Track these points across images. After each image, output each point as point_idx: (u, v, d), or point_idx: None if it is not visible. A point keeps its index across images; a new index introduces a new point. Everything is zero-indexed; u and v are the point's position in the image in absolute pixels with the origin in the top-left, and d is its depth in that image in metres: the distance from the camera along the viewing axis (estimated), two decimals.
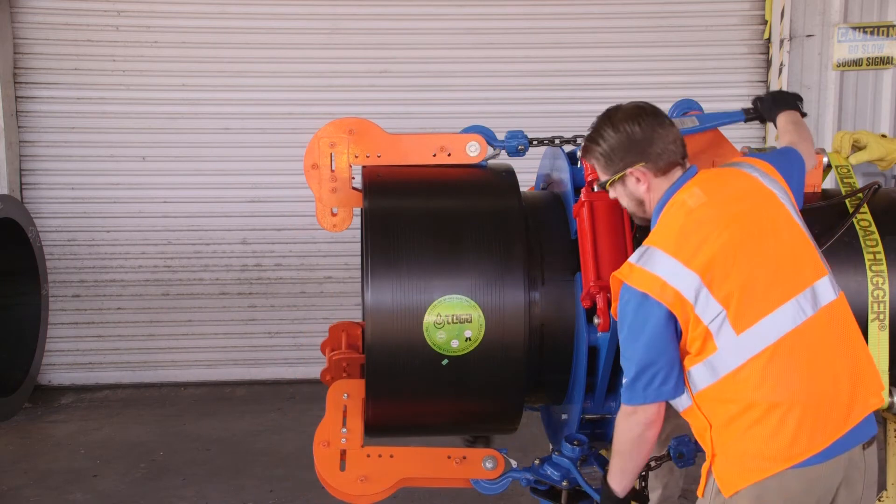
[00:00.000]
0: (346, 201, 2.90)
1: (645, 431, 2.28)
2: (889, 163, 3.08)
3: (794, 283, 2.21)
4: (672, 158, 2.37)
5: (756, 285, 2.18)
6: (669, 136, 2.37)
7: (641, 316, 2.22)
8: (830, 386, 2.17)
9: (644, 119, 2.38)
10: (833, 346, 2.21)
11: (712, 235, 2.22)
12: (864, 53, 6.47)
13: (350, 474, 2.74)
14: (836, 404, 2.16)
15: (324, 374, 3.15)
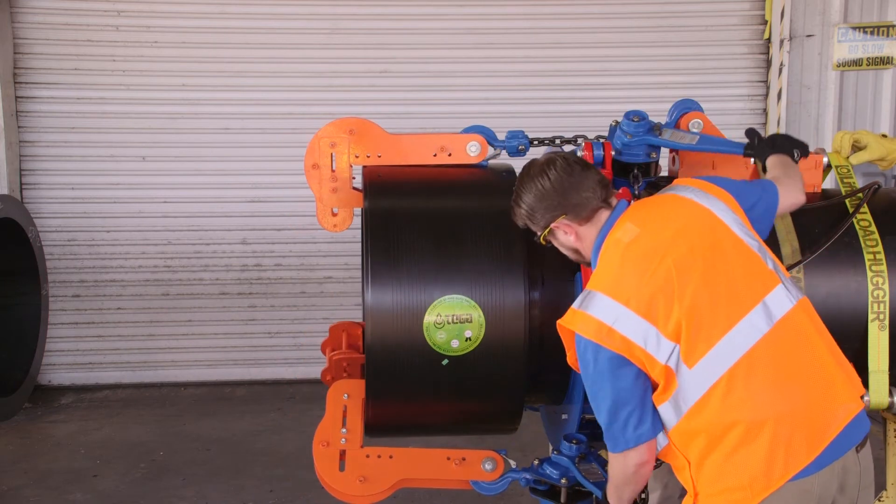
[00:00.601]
0: (347, 201, 2.90)
1: (638, 471, 2.26)
2: (890, 163, 3.07)
3: (742, 302, 2.16)
4: (593, 205, 2.35)
5: (702, 313, 2.14)
6: (584, 184, 2.35)
7: (597, 364, 2.18)
8: (801, 397, 2.12)
9: (553, 172, 2.36)
10: (798, 355, 2.16)
11: (650, 269, 2.18)
12: (864, 53, 6.47)
13: (349, 474, 2.75)
14: (812, 414, 2.11)
15: (324, 374, 3.15)
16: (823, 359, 2.19)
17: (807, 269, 2.75)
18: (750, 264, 2.22)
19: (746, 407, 2.10)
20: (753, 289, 2.18)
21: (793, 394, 2.12)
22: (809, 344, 2.20)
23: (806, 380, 2.14)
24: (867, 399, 2.75)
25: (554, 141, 3.04)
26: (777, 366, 2.13)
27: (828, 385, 2.16)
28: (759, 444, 2.08)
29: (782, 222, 2.80)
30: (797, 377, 2.14)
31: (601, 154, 2.86)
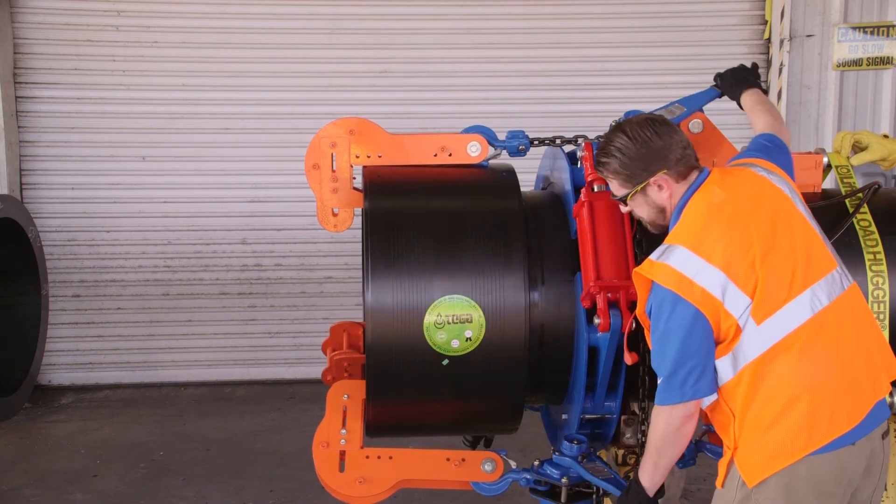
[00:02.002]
0: (347, 201, 2.90)
1: (683, 426, 2.29)
2: (891, 163, 3.08)
3: (809, 274, 2.25)
4: (690, 162, 2.42)
5: (775, 277, 2.22)
6: (684, 142, 2.43)
7: (672, 315, 2.24)
8: (849, 370, 2.23)
9: (657, 127, 2.42)
10: (849, 332, 2.27)
11: (733, 230, 2.26)
12: (864, 53, 6.47)
13: (349, 475, 2.74)
14: (854, 387, 2.23)
15: (325, 373, 3.15)
16: (868, 339, 2.31)
17: None
18: (815, 244, 2.33)
19: (802, 371, 2.20)
20: (818, 265, 2.28)
21: (840, 366, 2.22)
22: (857, 324, 2.30)
23: (853, 356, 2.25)
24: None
25: (554, 141, 3.04)
26: (831, 338, 2.24)
27: (869, 364, 2.28)
28: (803, 406, 2.18)
29: None
30: (845, 352, 2.25)
31: None
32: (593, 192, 2.77)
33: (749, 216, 2.29)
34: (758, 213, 2.30)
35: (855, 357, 2.26)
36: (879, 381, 2.28)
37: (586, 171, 2.83)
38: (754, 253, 2.23)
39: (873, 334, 2.35)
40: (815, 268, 2.27)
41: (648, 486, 2.39)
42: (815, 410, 2.18)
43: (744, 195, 2.35)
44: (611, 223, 2.72)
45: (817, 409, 2.18)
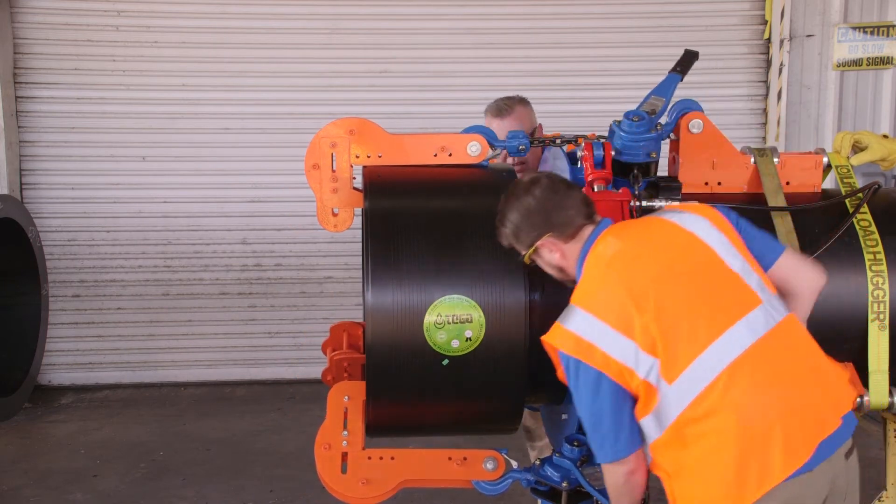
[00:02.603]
0: (347, 201, 2.89)
1: (629, 480, 2.27)
2: (891, 163, 3.07)
3: (722, 320, 2.17)
4: (577, 222, 2.38)
5: (680, 329, 2.16)
6: (568, 203, 2.39)
7: (578, 379, 2.23)
8: (793, 402, 2.13)
9: (538, 191, 2.40)
10: (787, 363, 2.18)
11: (629, 284, 2.22)
12: (864, 53, 6.47)
13: (351, 477, 2.74)
14: (804, 417, 2.12)
15: (325, 374, 3.15)
16: (812, 363, 2.22)
17: None
18: (730, 285, 2.24)
19: (728, 419, 2.10)
20: (733, 308, 2.20)
21: (781, 401, 2.13)
22: (797, 353, 2.22)
23: (796, 386, 2.16)
24: (867, 399, 2.75)
25: (554, 141, 3.04)
26: (762, 377, 2.14)
27: (820, 389, 2.19)
28: (730, 458, 2.09)
29: (782, 222, 2.81)
30: (786, 384, 2.15)
31: (601, 154, 2.86)
32: (593, 192, 2.77)
33: (647, 266, 2.25)
34: (657, 261, 2.25)
35: (800, 386, 2.16)
36: (835, 402, 2.19)
37: (586, 171, 2.83)
38: (651, 306, 2.17)
39: (817, 358, 2.25)
40: (731, 311, 2.19)
41: None
42: (740, 463, 2.07)
43: (643, 244, 2.31)
44: None
45: (743, 461, 2.07)
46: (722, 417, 2.11)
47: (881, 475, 3.20)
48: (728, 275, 2.26)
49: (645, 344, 2.15)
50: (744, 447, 2.09)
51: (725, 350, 2.14)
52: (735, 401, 2.11)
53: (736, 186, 2.95)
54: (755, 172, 2.94)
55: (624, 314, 2.19)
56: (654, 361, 2.15)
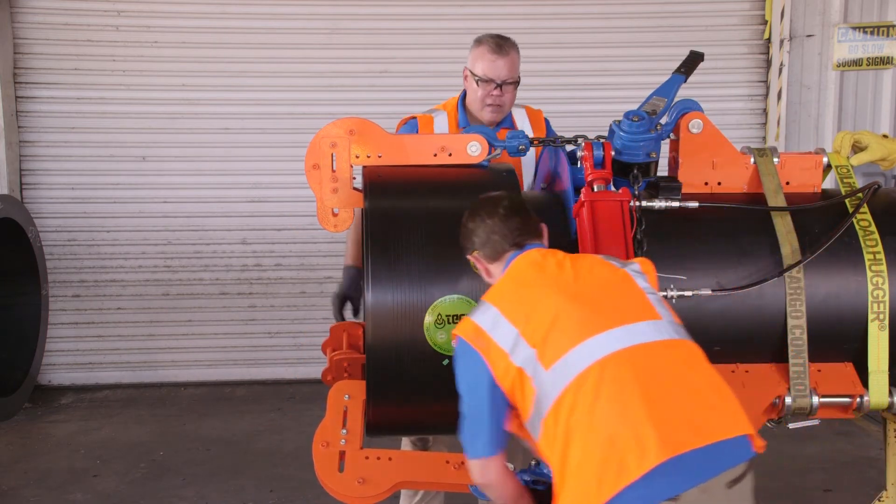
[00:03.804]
0: (347, 201, 2.89)
1: (483, 479, 2.35)
2: (891, 163, 3.07)
3: (605, 321, 2.19)
4: (498, 248, 2.45)
5: (565, 326, 2.19)
6: (496, 228, 2.45)
7: (465, 368, 2.31)
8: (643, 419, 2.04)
9: (475, 213, 2.50)
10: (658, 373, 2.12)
11: (533, 286, 2.30)
12: (864, 53, 6.47)
13: (349, 476, 2.74)
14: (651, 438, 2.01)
15: (325, 374, 3.15)
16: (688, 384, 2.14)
17: (807, 269, 2.75)
18: (632, 299, 2.28)
19: (587, 417, 2.08)
20: (622, 314, 2.22)
21: (634, 414, 2.05)
22: (677, 368, 2.17)
23: (657, 393, 2.08)
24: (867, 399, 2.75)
25: (554, 141, 3.04)
26: (622, 376, 2.10)
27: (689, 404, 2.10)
28: (593, 456, 2.04)
29: (782, 222, 2.80)
30: (644, 389, 2.08)
31: (601, 154, 2.86)
32: (593, 191, 2.77)
33: (556, 276, 2.31)
34: (566, 273, 2.31)
35: (672, 395, 2.09)
36: (717, 421, 2.08)
37: (586, 171, 2.83)
38: (546, 306, 2.23)
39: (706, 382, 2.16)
40: (618, 315, 2.21)
41: None
42: (605, 459, 2.01)
43: (559, 260, 2.37)
44: (611, 223, 2.72)
45: (604, 461, 2.01)
46: (585, 411, 2.09)
47: (881, 475, 3.20)
48: (634, 292, 2.30)
49: (527, 332, 2.21)
50: (603, 444, 2.04)
51: (601, 345, 2.15)
52: (599, 395, 2.09)
53: (736, 186, 2.95)
54: (755, 172, 2.94)
55: (517, 304, 2.27)
56: (531, 351, 2.19)
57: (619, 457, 2.01)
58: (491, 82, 3.43)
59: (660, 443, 2.00)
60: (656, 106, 2.92)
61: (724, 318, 2.76)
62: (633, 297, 2.28)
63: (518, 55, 3.54)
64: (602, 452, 2.03)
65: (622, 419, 2.05)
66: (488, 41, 3.48)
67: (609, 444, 2.03)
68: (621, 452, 2.01)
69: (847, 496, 4.60)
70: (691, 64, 3.14)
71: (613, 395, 2.08)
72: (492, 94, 3.44)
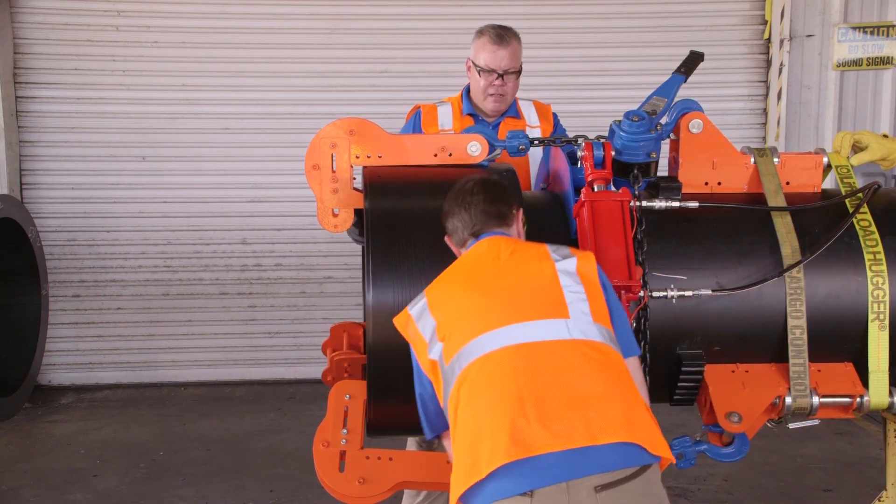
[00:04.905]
0: (348, 202, 2.89)
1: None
2: (891, 163, 3.07)
3: (508, 316, 2.20)
4: (461, 235, 2.48)
5: (470, 319, 2.23)
6: (461, 215, 2.47)
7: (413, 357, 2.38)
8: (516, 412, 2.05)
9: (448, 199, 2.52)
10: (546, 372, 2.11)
11: (458, 277, 2.35)
12: (864, 53, 6.47)
13: (349, 475, 2.74)
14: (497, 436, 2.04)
15: (325, 374, 3.15)
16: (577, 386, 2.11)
17: (807, 269, 2.75)
18: (546, 295, 2.26)
19: (466, 410, 2.14)
20: (527, 311, 2.22)
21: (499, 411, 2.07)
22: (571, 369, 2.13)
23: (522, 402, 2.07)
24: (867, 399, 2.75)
25: (554, 141, 3.04)
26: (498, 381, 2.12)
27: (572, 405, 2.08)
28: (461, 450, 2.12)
29: (782, 222, 2.80)
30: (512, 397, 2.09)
31: (601, 154, 2.86)
32: (593, 191, 2.77)
33: (483, 268, 2.33)
34: (493, 269, 2.31)
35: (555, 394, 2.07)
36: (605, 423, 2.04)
37: (586, 171, 2.83)
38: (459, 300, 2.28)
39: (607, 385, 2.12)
40: (524, 311, 2.20)
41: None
42: (468, 453, 2.08)
43: (494, 254, 2.36)
44: (611, 223, 2.72)
45: (469, 452, 2.07)
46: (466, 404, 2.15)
47: (881, 475, 3.21)
48: (552, 290, 2.26)
49: (441, 325, 2.26)
50: (470, 438, 2.11)
51: (492, 340, 2.18)
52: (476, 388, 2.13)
53: (736, 186, 2.95)
54: (755, 172, 2.94)
55: (443, 296, 2.33)
56: (440, 345, 2.25)
57: (475, 452, 2.08)
58: (493, 72, 3.48)
59: (511, 443, 2.02)
60: (656, 106, 2.92)
61: (724, 318, 2.76)
62: (547, 295, 2.24)
63: (519, 44, 3.58)
64: (467, 447, 2.11)
65: (489, 415, 2.10)
66: (489, 32, 3.54)
67: (473, 439, 2.10)
68: (477, 448, 2.08)
69: (847, 496, 4.60)
70: (691, 64, 3.14)
71: (488, 389, 2.13)
72: (494, 84, 3.49)
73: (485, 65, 3.49)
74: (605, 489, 2.03)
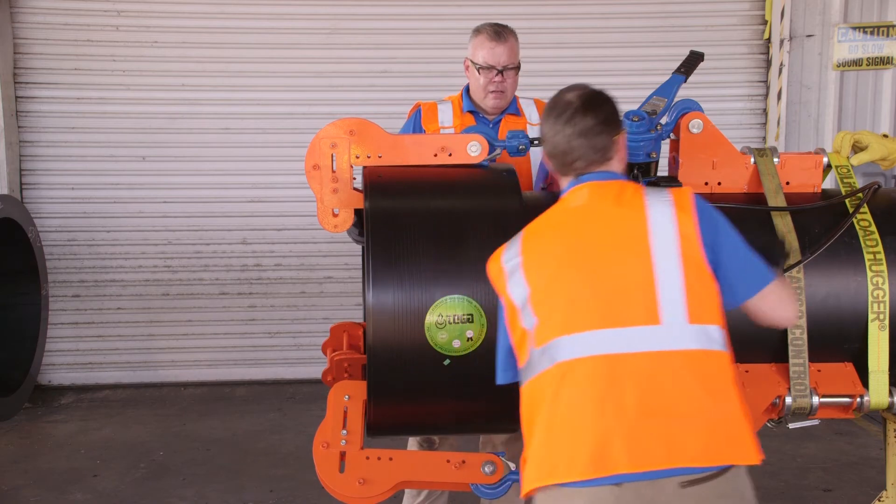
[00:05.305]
0: (348, 202, 2.89)
1: None
2: (891, 163, 3.07)
3: (609, 317, 2.13)
4: (559, 168, 2.34)
5: (568, 305, 2.15)
6: (560, 144, 2.30)
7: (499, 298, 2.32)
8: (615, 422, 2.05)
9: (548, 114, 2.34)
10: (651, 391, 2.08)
11: (559, 242, 2.23)
12: (864, 53, 6.47)
13: (349, 476, 2.74)
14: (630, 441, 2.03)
15: (325, 374, 3.14)
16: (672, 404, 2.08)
17: (807, 269, 2.75)
18: (640, 293, 2.14)
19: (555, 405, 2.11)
20: (625, 313, 2.13)
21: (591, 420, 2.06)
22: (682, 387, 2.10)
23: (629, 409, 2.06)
24: (867, 399, 2.75)
25: None
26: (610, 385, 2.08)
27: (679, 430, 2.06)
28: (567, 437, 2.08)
29: (782, 222, 2.81)
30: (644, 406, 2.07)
31: None
32: None
33: (590, 236, 2.21)
34: (600, 236, 2.20)
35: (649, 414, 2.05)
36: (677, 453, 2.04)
37: None
38: (563, 272, 2.18)
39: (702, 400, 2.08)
40: (615, 315, 2.12)
41: None
42: (550, 446, 2.09)
43: (601, 212, 2.24)
44: None
45: (553, 446, 2.08)
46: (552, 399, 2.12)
47: (881, 475, 3.21)
48: (644, 286, 2.15)
49: (536, 298, 2.19)
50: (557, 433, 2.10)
51: (586, 344, 2.11)
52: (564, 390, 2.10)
53: (736, 186, 2.95)
54: (755, 172, 2.94)
55: (537, 258, 2.24)
56: (535, 320, 2.19)
57: (554, 454, 2.08)
58: (492, 69, 3.49)
59: (590, 461, 2.03)
60: (656, 106, 2.92)
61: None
62: (643, 293, 2.14)
63: (517, 41, 3.60)
64: (545, 441, 2.11)
65: (569, 423, 2.08)
66: (487, 29, 3.57)
67: (553, 439, 2.09)
68: (556, 452, 2.08)
69: (847, 496, 4.60)
70: (691, 64, 3.14)
71: (573, 395, 2.09)
72: (494, 81, 3.50)
73: (483, 62, 3.51)
74: (690, 485, 2.05)
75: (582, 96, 2.33)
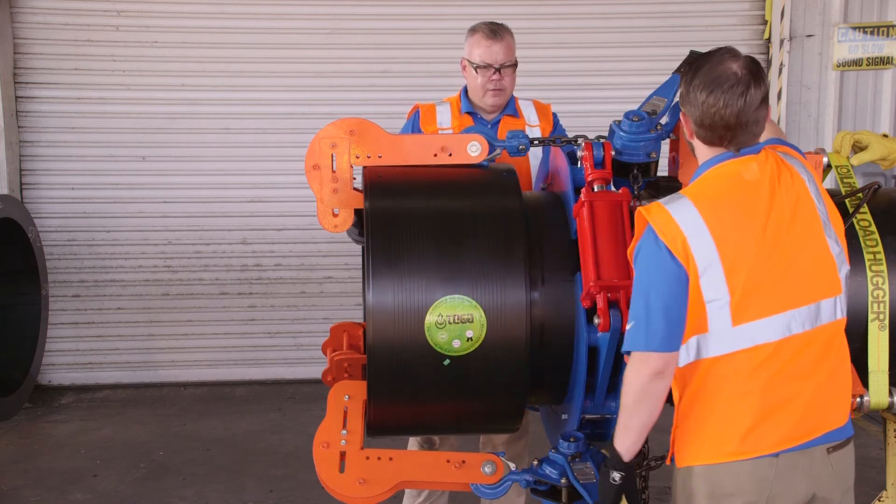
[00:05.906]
0: (348, 202, 2.89)
1: (650, 383, 2.19)
2: (891, 162, 3.08)
3: (801, 294, 2.23)
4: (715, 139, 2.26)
5: (764, 284, 2.19)
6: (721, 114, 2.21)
7: (653, 259, 2.20)
8: (798, 399, 2.23)
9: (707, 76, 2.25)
10: (810, 364, 2.25)
11: (749, 213, 2.20)
12: (864, 53, 6.47)
13: (349, 476, 2.74)
14: (801, 415, 2.23)
15: (325, 374, 3.14)
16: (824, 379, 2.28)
17: None
18: (824, 265, 2.27)
19: (749, 383, 2.21)
20: (814, 288, 2.25)
21: (792, 392, 2.22)
22: (827, 358, 2.27)
23: (803, 386, 2.24)
24: (867, 399, 2.75)
25: (554, 141, 3.04)
26: (791, 364, 2.22)
27: (824, 398, 2.28)
28: (741, 419, 2.22)
29: None
30: (797, 380, 2.23)
31: (601, 154, 2.86)
32: (593, 192, 2.77)
33: (771, 209, 2.21)
34: (782, 210, 2.23)
35: (818, 382, 2.25)
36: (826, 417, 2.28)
37: (586, 171, 2.83)
38: (756, 248, 2.18)
39: (835, 376, 2.30)
40: (810, 290, 2.24)
41: (622, 451, 2.33)
42: (749, 424, 2.21)
43: (778, 185, 2.25)
44: (611, 223, 2.72)
45: (752, 423, 2.21)
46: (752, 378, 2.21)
47: (881, 475, 3.20)
48: (826, 256, 2.27)
49: (729, 275, 2.16)
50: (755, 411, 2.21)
51: (785, 324, 2.20)
52: (765, 371, 2.20)
53: None
54: None
55: (728, 233, 2.17)
56: (726, 296, 2.17)
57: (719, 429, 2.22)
58: (489, 67, 3.50)
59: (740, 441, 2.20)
60: (656, 106, 2.92)
61: None
62: (822, 264, 2.25)
63: (513, 39, 3.60)
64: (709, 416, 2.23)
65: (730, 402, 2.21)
66: (482, 28, 3.57)
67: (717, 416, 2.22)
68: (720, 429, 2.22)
69: None
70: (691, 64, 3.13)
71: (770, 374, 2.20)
72: (492, 80, 3.51)
73: (480, 61, 3.51)
74: (834, 450, 2.28)
75: (747, 67, 2.23)
